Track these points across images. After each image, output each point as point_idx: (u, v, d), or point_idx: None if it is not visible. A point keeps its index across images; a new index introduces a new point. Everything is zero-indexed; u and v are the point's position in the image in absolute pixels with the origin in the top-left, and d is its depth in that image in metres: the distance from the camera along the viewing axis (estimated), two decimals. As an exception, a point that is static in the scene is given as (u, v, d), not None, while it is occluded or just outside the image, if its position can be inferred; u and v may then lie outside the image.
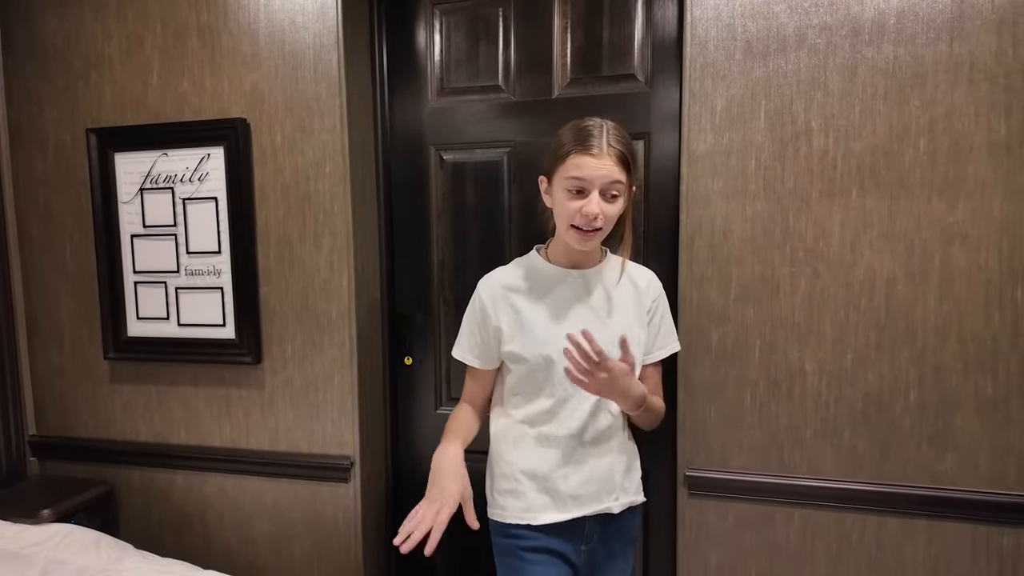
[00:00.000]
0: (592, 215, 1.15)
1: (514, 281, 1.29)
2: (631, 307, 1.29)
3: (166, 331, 1.81)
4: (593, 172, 1.14)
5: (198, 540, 1.84)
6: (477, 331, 1.30)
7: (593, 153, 1.14)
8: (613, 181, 1.15)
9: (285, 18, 1.65)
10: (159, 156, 1.75)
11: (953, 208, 1.39)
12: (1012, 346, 1.39)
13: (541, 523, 1.25)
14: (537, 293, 1.27)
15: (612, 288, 1.28)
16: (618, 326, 1.25)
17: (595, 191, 1.15)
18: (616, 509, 1.28)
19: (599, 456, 1.27)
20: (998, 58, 1.35)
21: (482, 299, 1.29)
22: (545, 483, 1.25)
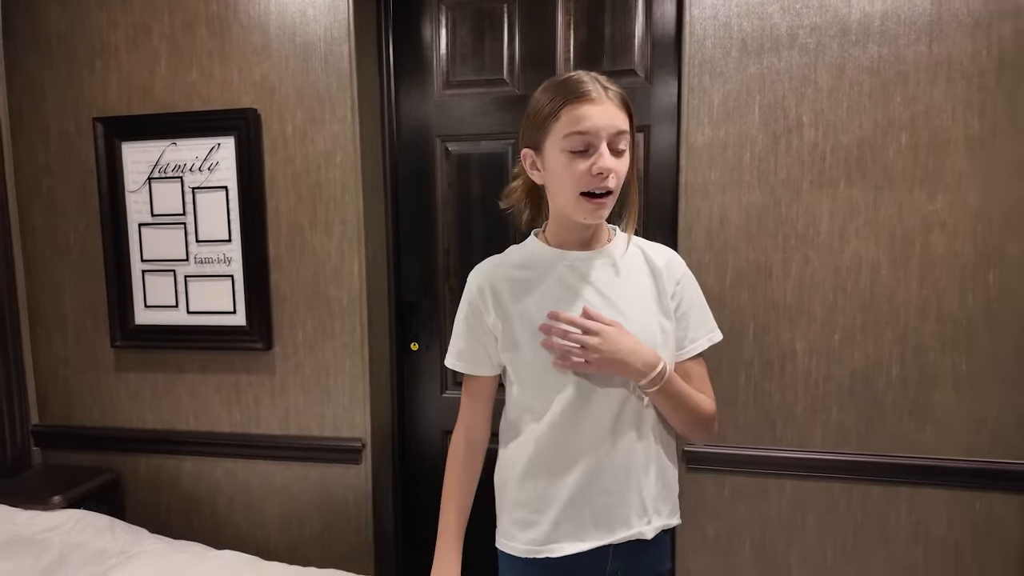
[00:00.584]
0: (605, 169, 0.96)
1: (510, 270, 1.10)
2: (649, 292, 1.08)
3: (175, 319, 1.83)
4: (598, 121, 0.96)
5: (207, 524, 1.87)
6: (470, 332, 1.11)
7: (593, 99, 0.96)
8: (619, 131, 0.98)
9: (296, 10, 1.69)
10: (168, 145, 1.77)
11: (932, 198, 1.50)
12: (985, 326, 1.50)
13: (560, 555, 1.07)
14: (537, 281, 1.07)
15: (624, 270, 1.08)
16: (636, 314, 1.06)
17: (603, 143, 0.97)
18: (649, 534, 1.08)
19: (628, 472, 1.06)
20: (973, 58, 1.46)
21: (473, 293, 1.10)
22: (564, 509, 1.06)
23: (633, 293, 1.07)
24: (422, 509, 1.96)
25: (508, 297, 1.07)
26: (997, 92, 1.46)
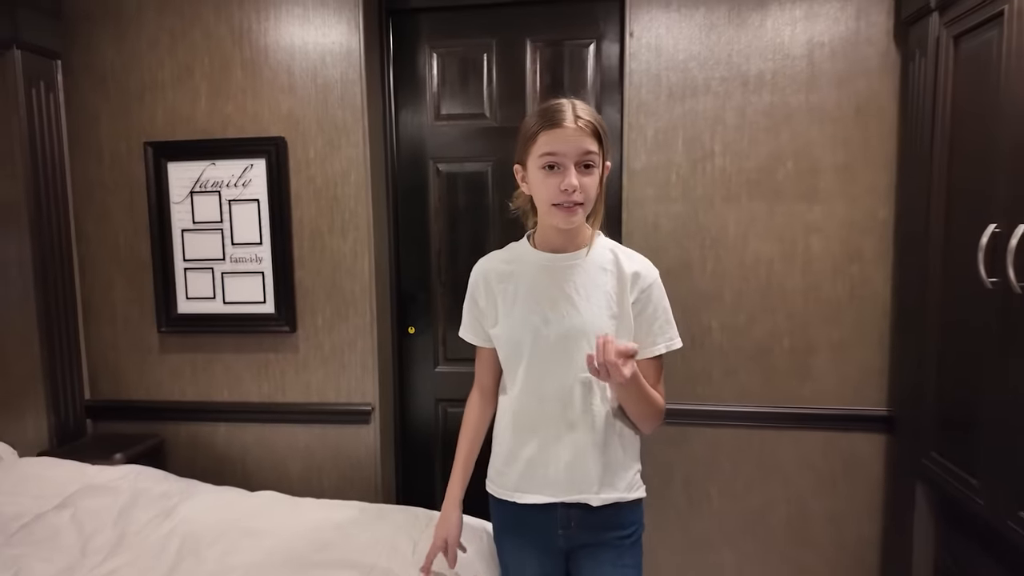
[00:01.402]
0: (571, 187, 1.13)
1: (500, 265, 1.31)
2: (608, 291, 1.23)
3: (212, 308, 2.20)
4: (565, 145, 1.13)
5: (239, 479, 2.25)
6: (471, 310, 1.35)
7: (563, 126, 1.13)
8: (585, 152, 1.14)
9: (316, 57, 2.09)
10: (208, 165, 2.15)
11: (811, 210, 1.99)
12: (850, 306, 2.00)
13: (522, 503, 1.28)
14: (518, 277, 1.27)
15: (590, 271, 1.24)
16: (588, 307, 1.22)
17: (570, 164, 1.13)
18: (594, 503, 1.25)
19: (579, 448, 1.24)
20: (838, 106, 1.96)
21: (472, 280, 1.35)
22: (525, 467, 1.27)
23: (592, 290, 1.22)
24: (418, 462, 2.38)
25: (495, 284, 1.30)
26: (855, 131, 1.95)
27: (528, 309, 1.25)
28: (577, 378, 1.23)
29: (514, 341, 1.26)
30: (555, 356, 1.23)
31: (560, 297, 1.23)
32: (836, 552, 2.07)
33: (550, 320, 1.23)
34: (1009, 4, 1.39)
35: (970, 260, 1.49)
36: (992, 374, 1.45)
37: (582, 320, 1.22)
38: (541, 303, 1.24)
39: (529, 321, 1.24)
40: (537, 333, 1.23)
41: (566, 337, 1.22)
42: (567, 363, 1.23)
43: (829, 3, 1.94)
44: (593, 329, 1.20)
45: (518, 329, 1.25)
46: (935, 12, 1.72)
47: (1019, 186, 1.36)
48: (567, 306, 1.23)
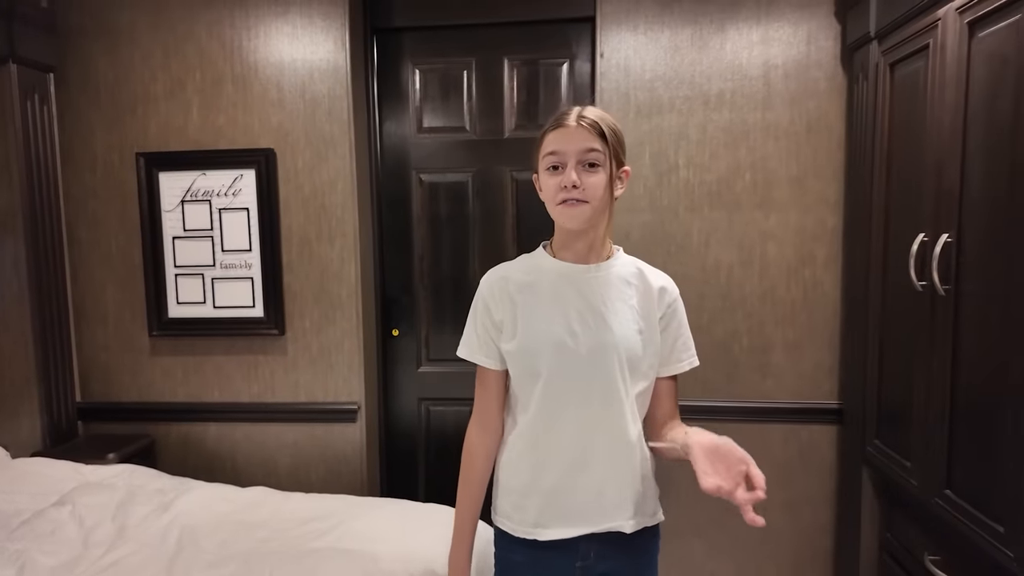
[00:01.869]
0: (569, 182, 1.09)
1: (515, 275, 1.21)
2: (636, 307, 1.18)
3: (203, 312, 2.29)
4: (566, 144, 1.10)
5: (228, 476, 2.34)
6: (481, 326, 1.21)
7: (564, 125, 1.11)
8: (588, 149, 1.10)
9: (305, 73, 2.20)
10: (199, 175, 2.24)
11: (767, 219, 2.16)
12: (803, 307, 2.17)
13: (545, 539, 1.18)
14: (537, 288, 1.18)
15: (615, 285, 1.17)
16: (619, 325, 1.15)
17: (571, 161, 1.10)
18: (628, 529, 1.19)
19: (607, 471, 1.16)
20: (790, 123, 2.13)
21: (483, 292, 1.22)
22: (547, 498, 1.17)
23: (619, 306, 1.16)
24: (401, 458, 2.49)
25: (514, 295, 1.18)
26: (806, 147, 2.13)
27: (551, 320, 1.15)
28: (606, 396, 1.14)
29: (532, 354, 1.15)
30: (581, 373, 1.14)
31: (586, 309, 1.15)
32: (794, 538, 2.24)
33: (577, 333, 1.14)
34: (933, 38, 1.57)
35: (904, 265, 1.66)
36: (921, 368, 1.62)
37: (613, 336, 1.14)
38: (567, 314, 1.15)
39: (552, 333, 1.14)
40: (562, 347, 1.14)
41: (594, 352, 1.13)
42: (594, 380, 1.14)
43: (783, 29, 2.11)
44: (624, 345, 1.14)
45: (539, 341, 1.15)
46: (875, 41, 1.90)
47: (941, 200, 1.53)
48: (595, 319, 1.15)
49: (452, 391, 2.42)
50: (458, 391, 2.41)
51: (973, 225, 1.42)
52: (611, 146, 1.12)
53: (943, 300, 1.52)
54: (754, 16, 2.12)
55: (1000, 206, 1.32)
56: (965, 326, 1.45)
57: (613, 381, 1.15)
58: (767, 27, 2.12)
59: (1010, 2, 1.28)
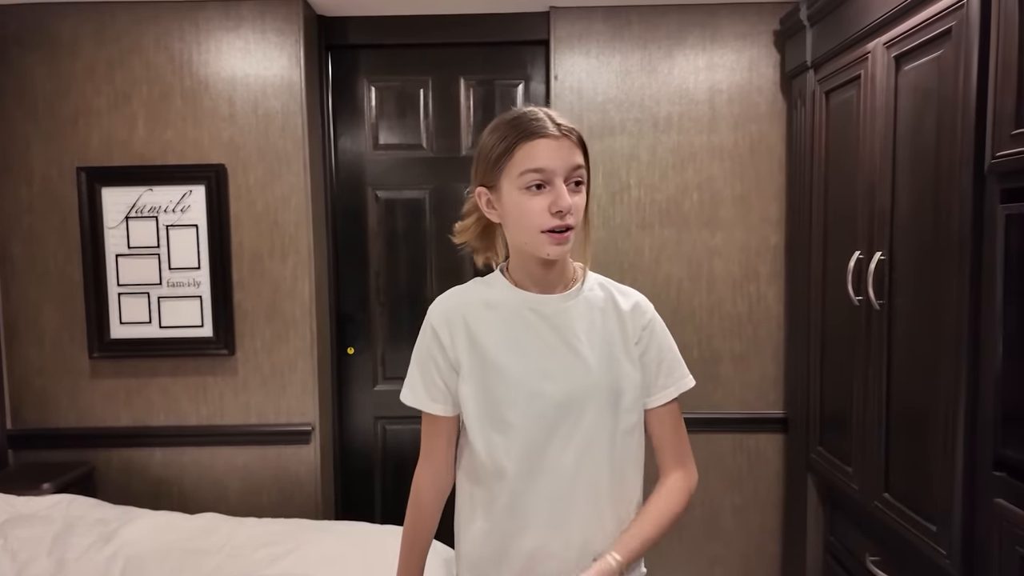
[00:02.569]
0: (566, 206, 0.93)
1: (474, 305, 1.04)
2: (614, 337, 1.03)
3: (148, 332, 2.21)
4: (553, 158, 0.93)
5: (175, 503, 2.24)
6: (432, 365, 1.04)
7: (547, 135, 0.94)
8: (576, 166, 0.96)
9: (258, 88, 2.17)
10: (145, 191, 2.17)
11: (713, 236, 2.25)
12: (749, 320, 2.26)
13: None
14: (502, 322, 1.02)
15: (589, 315, 1.03)
16: (600, 361, 1.01)
17: (559, 179, 0.94)
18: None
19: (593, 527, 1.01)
20: (734, 145, 2.23)
21: (433, 325, 1.03)
22: (524, 565, 1.02)
23: (596, 339, 1.02)
24: (357, 479, 2.45)
25: (474, 329, 1.02)
26: (749, 167, 2.23)
27: (522, 362, 1.00)
28: (589, 444, 1.00)
29: (502, 403, 1.00)
30: (561, 421, 0.99)
31: (561, 346, 1.01)
32: (743, 543, 2.31)
33: (553, 375, 1.00)
34: (864, 70, 1.68)
35: (842, 281, 1.76)
36: (859, 378, 1.72)
37: (592, 374, 1.00)
38: (540, 354, 1.01)
39: (525, 377, 1.00)
40: (536, 393, 0.99)
41: (574, 396, 1.00)
42: (576, 428, 1.00)
43: (726, 56, 2.22)
44: (606, 383, 1.01)
45: (510, 388, 1.00)
46: (811, 69, 2.02)
47: (875, 220, 1.63)
48: (572, 357, 1.01)
49: (409, 409, 2.39)
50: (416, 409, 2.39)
51: (903, 244, 1.53)
52: (587, 159, 1.00)
53: (878, 314, 1.61)
54: (700, 43, 2.22)
55: (925, 227, 1.43)
56: (898, 338, 1.55)
57: (597, 426, 1.00)
58: (712, 54, 2.22)
59: (932, 39, 1.40)
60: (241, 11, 2.14)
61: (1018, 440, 1.18)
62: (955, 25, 1.31)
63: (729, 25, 2.21)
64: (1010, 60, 1.17)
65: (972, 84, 1.26)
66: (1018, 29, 1.15)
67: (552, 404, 1.00)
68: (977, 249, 1.27)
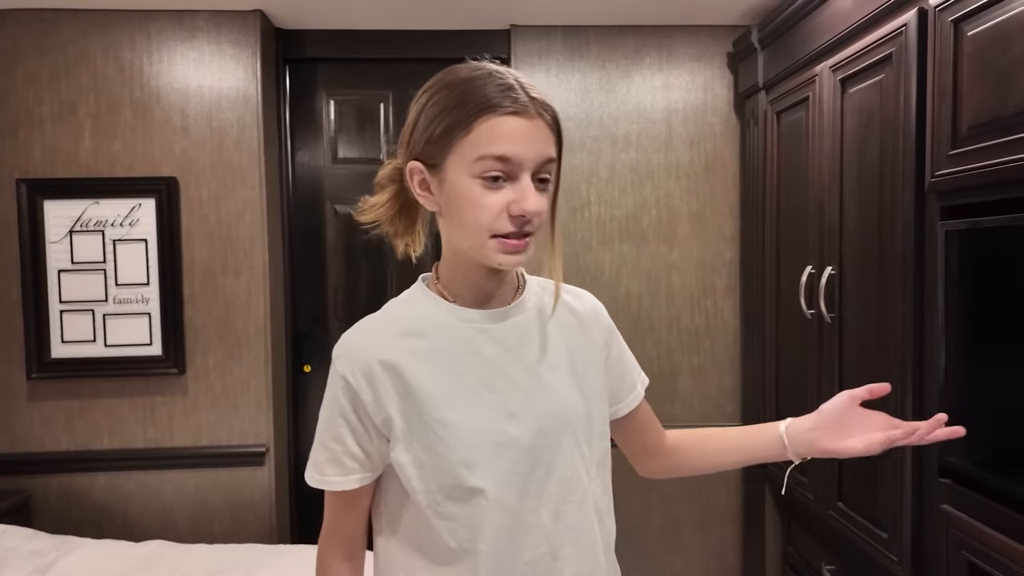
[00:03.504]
0: (532, 213, 0.73)
1: (398, 339, 0.79)
2: (578, 348, 0.85)
3: (92, 351, 2.11)
4: (524, 146, 0.72)
5: (120, 531, 2.13)
6: (344, 429, 0.79)
7: (521, 112, 0.72)
8: (548, 159, 0.75)
9: (212, 101, 2.12)
10: (90, 204, 2.09)
11: (671, 252, 2.29)
12: (706, 334, 2.30)
13: None
14: (439, 352, 0.79)
15: (549, 330, 0.83)
16: (567, 384, 0.82)
17: (526, 174, 0.73)
18: None
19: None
20: (690, 163, 2.28)
21: (346, 379, 0.78)
22: None
23: (558, 355, 0.83)
24: (314, 500, 2.38)
25: (404, 375, 0.77)
26: (705, 184, 2.29)
27: (475, 406, 0.78)
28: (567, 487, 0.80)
29: (456, 465, 0.76)
30: (532, 469, 0.78)
31: (521, 376, 0.80)
32: (703, 556, 2.33)
33: (518, 414, 0.78)
34: (812, 92, 1.75)
35: (795, 295, 1.81)
36: (812, 389, 1.76)
37: (561, 404, 0.81)
38: (496, 391, 0.79)
39: (484, 427, 0.77)
40: (502, 443, 0.77)
41: (544, 435, 0.79)
42: (548, 475, 0.79)
43: (682, 76, 2.28)
44: (578, 412, 0.82)
45: (464, 444, 0.76)
46: (763, 91, 2.09)
47: (825, 236, 1.69)
48: (535, 386, 0.80)
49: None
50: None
51: (852, 259, 1.58)
52: (561, 147, 0.78)
53: (829, 327, 1.66)
54: (656, 64, 2.27)
55: (872, 243, 1.48)
56: (848, 350, 1.60)
57: (574, 463, 0.81)
58: (668, 74, 2.27)
59: (874, 64, 1.46)
60: (195, 22, 2.10)
61: (960, 448, 1.23)
62: (895, 51, 1.38)
63: (684, 47, 2.27)
64: (945, 85, 1.24)
65: (912, 107, 1.32)
66: (952, 56, 1.22)
67: (523, 451, 0.78)
68: (920, 264, 1.33)
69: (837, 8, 1.63)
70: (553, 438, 0.80)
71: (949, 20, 1.22)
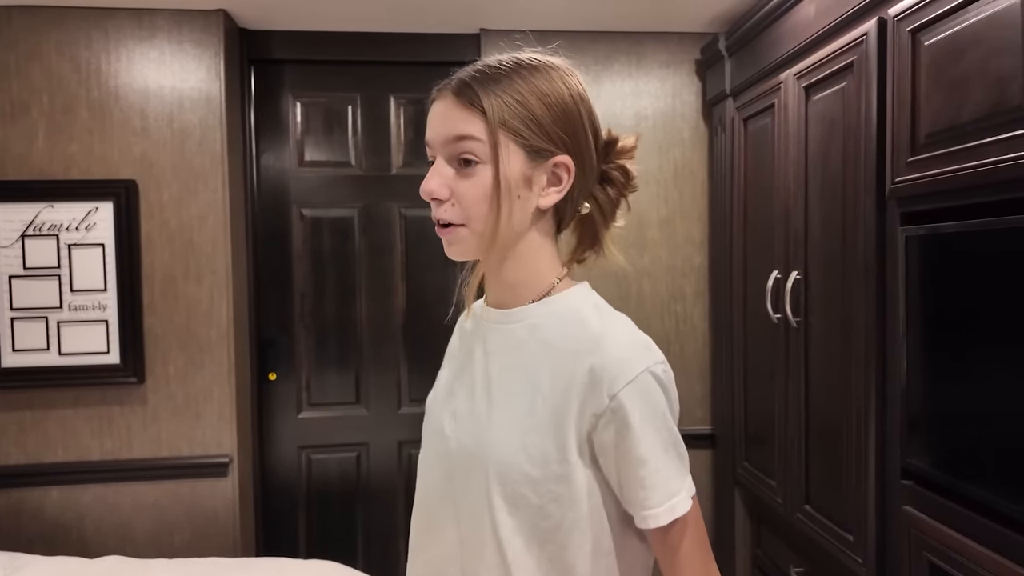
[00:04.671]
0: (424, 191, 0.70)
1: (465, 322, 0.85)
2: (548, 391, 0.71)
3: (46, 360, 2.03)
4: (431, 129, 0.72)
5: (74, 547, 2.05)
6: None
7: (437, 97, 0.72)
8: (455, 137, 0.69)
9: (173, 101, 2.06)
10: (44, 207, 2.01)
11: (641, 257, 2.30)
12: (676, 339, 2.31)
13: None
14: (461, 343, 0.84)
15: (531, 347, 0.74)
16: (506, 426, 0.71)
17: (440, 158, 0.71)
18: None
19: None
20: (659, 169, 2.30)
21: None
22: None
23: (515, 382, 0.73)
24: (281, 512, 2.32)
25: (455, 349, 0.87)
26: (674, 191, 2.30)
27: (445, 392, 0.81)
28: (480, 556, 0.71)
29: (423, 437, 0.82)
30: (446, 483, 0.75)
31: (482, 390, 0.75)
32: (675, 560, 2.33)
33: (458, 416, 0.76)
34: (778, 99, 1.77)
35: (761, 300, 1.83)
36: (780, 393, 1.77)
37: (487, 436, 0.71)
38: (459, 390, 0.78)
39: (440, 413, 0.79)
40: (438, 434, 0.78)
41: (464, 457, 0.73)
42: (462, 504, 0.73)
43: (651, 83, 2.29)
44: (496, 457, 0.70)
45: (430, 418, 0.81)
46: (730, 97, 2.11)
47: (790, 241, 1.71)
48: (483, 408, 0.73)
49: (335, 437, 2.31)
50: (342, 436, 2.30)
51: (816, 264, 1.60)
52: (506, 123, 0.68)
53: (795, 331, 1.68)
54: (626, 70, 2.28)
55: (835, 248, 1.50)
56: (814, 355, 1.62)
57: (478, 521, 0.70)
58: (638, 80, 2.29)
59: (836, 72, 1.48)
60: (156, 20, 2.04)
61: (922, 450, 1.24)
62: (856, 59, 1.40)
63: (654, 53, 2.29)
64: (904, 93, 1.26)
65: (872, 115, 1.34)
66: (911, 65, 1.24)
67: (446, 458, 0.75)
68: (881, 269, 1.35)
69: (801, 17, 1.66)
70: (468, 461, 0.72)
71: (907, 30, 1.24)
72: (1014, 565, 1.03)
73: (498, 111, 0.69)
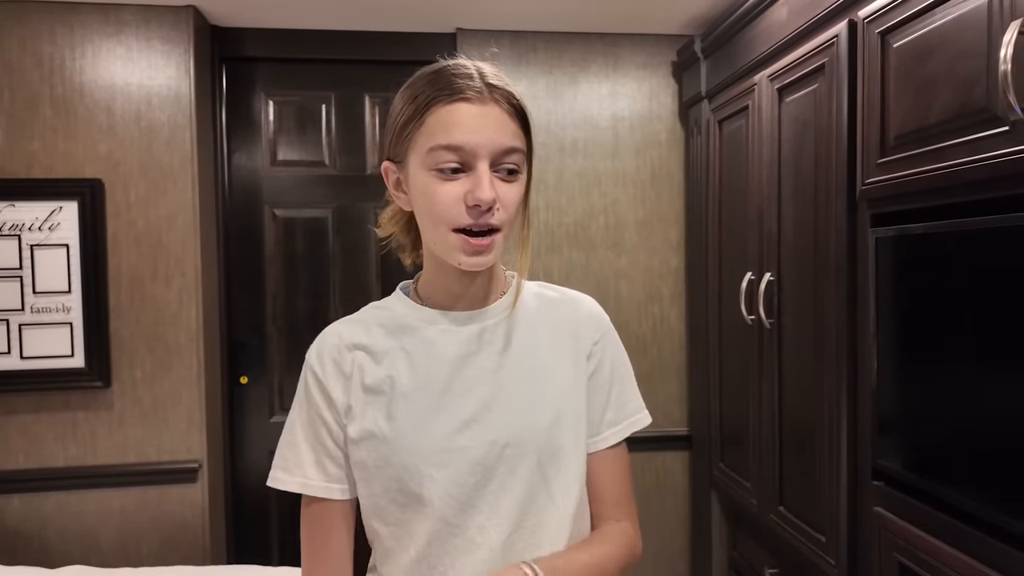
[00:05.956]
0: (486, 201, 0.69)
1: (367, 339, 0.79)
2: (558, 360, 0.80)
3: (6, 364, 1.97)
4: (475, 133, 0.70)
5: (35, 557, 1.99)
6: (321, 428, 0.78)
7: (469, 98, 0.70)
8: (508, 149, 0.71)
9: (141, 99, 2.02)
10: (5, 207, 1.95)
11: (619, 259, 2.29)
12: (653, 341, 2.31)
13: None
14: (406, 355, 0.78)
15: (530, 334, 0.80)
16: (539, 397, 0.78)
17: (483, 163, 0.70)
18: None
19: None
20: (637, 171, 2.29)
21: (312, 368, 0.79)
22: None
23: (532, 369, 0.79)
24: (252, 518, 2.28)
25: (368, 366, 0.78)
26: (651, 192, 2.30)
27: (429, 410, 0.76)
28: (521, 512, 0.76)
29: (406, 468, 0.75)
30: (482, 482, 0.75)
31: (489, 386, 0.77)
32: (653, 564, 2.32)
33: (470, 422, 0.76)
34: (752, 100, 1.77)
35: (736, 301, 1.83)
36: (754, 394, 1.78)
37: (524, 418, 0.76)
38: (455, 397, 0.76)
39: (433, 429, 0.75)
40: (449, 446, 0.75)
41: (503, 454, 0.75)
42: (503, 495, 0.75)
43: (628, 84, 2.29)
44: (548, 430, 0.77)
45: (416, 446, 0.75)
46: (706, 99, 2.11)
47: (764, 243, 1.71)
48: (495, 396, 0.77)
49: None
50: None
51: (789, 266, 1.60)
52: (530, 140, 0.76)
53: (769, 332, 1.68)
54: (603, 71, 2.28)
55: (807, 249, 1.51)
56: (787, 356, 1.62)
57: (530, 489, 0.76)
58: (614, 82, 2.28)
59: (808, 74, 1.49)
60: (122, 16, 1.99)
61: (892, 450, 1.25)
62: (827, 61, 1.40)
63: (630, 55, 2.29)
64: (874, 95, 1.26)
65: (843, 116, 1.35)
66: (880, 67, 1.25)
67: (471, 462, 0.75)
68: (852, 270, 1.35)
69: (774, 19, 1.66)
70: (510, 452, 0.76)
71: (876, 32, 1.25)
72: (981, 566, 1.03)
73: (529, 125, 0.77)
